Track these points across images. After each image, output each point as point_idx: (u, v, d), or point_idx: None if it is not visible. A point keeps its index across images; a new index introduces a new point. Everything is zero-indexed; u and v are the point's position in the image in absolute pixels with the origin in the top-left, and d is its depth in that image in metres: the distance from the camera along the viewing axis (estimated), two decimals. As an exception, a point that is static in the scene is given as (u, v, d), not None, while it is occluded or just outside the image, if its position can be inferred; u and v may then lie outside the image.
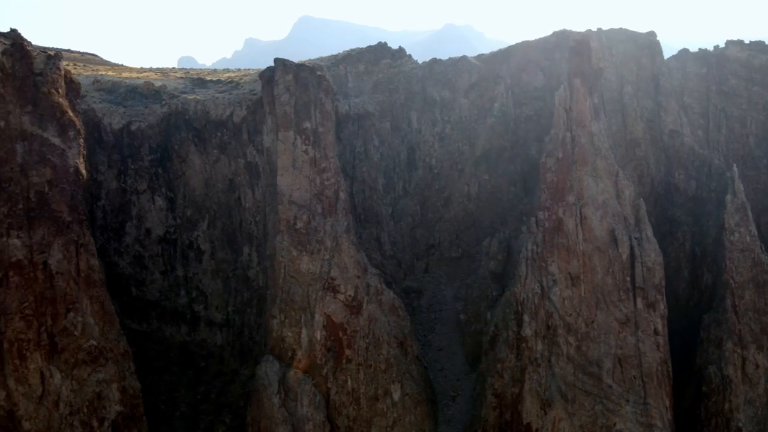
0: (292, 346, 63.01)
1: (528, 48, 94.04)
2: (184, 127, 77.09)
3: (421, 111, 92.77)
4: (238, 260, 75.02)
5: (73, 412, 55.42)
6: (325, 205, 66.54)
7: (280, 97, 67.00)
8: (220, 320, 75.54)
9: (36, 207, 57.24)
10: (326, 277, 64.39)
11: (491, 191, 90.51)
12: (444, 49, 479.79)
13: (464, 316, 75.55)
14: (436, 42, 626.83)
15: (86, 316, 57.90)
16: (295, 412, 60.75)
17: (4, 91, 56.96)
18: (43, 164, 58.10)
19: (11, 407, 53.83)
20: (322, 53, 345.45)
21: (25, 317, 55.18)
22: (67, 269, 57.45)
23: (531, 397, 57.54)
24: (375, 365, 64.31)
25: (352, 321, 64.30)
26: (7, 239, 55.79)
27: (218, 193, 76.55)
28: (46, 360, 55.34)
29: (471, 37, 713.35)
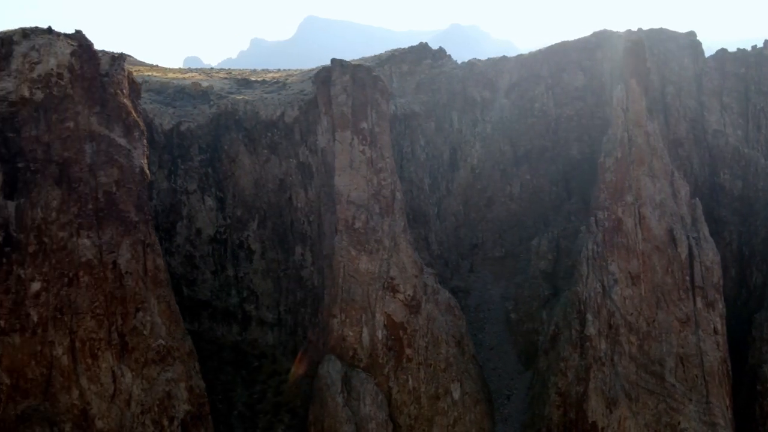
0: (353, 346, 63.28)
1: (568, 48, 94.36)
2: (234, 128, 77.41)
3: (461, 111, 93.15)
4: (290, 260, 75.28)
5: (144, 411, 55.69)
6: (382, 205, 66.82)
7: (337, 98, 67.24)
8: (271, 320, 75.86)
9: (104, 207, 57.53)
10: (385, 277, 64.67)
11: (533, 191, 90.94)
12: (450, 49, 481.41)
13: (515, 316, 75.86)
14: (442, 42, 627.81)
15: (154, 315, 58.20)
16: (358, 411, 61.01)
17: (73, 93, 57.20)
18: (111, 164, 58.38)
19: (84, 406, 54.10)
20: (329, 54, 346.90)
21: (96, 317, 55.45)
22: (136, 269, 57.74)
23: (596, 396, 57.84)
24: (435, 364, 64.61)
25: (411, 320, 64.59)
26: (77, 239, 56.06)
27: (268, 193, 76.85)
28: (117, 359, 55.61)
29: (477, 38, 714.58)
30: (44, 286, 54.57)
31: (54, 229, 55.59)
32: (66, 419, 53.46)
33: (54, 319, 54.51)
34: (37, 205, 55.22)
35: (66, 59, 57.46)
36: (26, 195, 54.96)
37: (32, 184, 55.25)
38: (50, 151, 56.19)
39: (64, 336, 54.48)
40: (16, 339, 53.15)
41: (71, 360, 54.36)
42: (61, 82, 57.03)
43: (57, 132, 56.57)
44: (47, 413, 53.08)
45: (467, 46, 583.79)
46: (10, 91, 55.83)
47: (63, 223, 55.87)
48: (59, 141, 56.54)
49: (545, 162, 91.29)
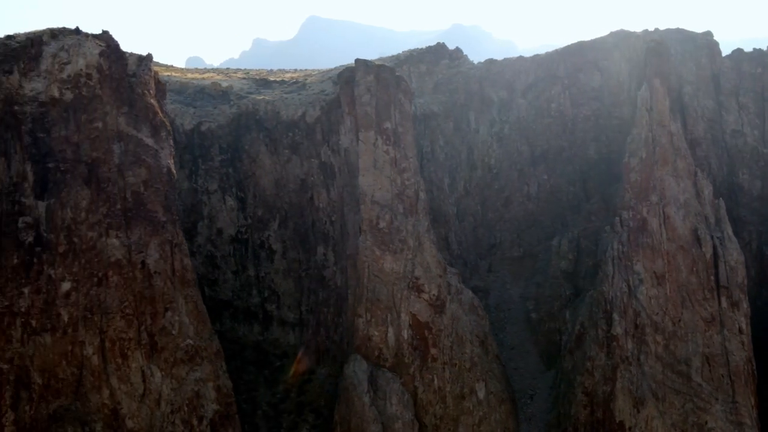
0: (378, 345, 63.39)
1: (584, 48, 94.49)
2: (255, 128, 77.54)
3: (478, 111, 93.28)
4: (311, 260, 75.36)
5: (174, 410, 55.80)
6: (406, 205, 66.94)
7: (361, 98, 67.38)
8: (292, 320, 75.97)
9: (133, 207, 57.66)
10: (410, 277, 64.80)
11: (550, 191, 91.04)
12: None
13: (536, 315, 76.01)
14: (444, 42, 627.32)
15: (182, 315, 58.31)
16: (385, 410, 61.11)
17: (101, 93, 57.35)
18: (139, 164, 58.51)
19: (115, 406, 54.22)
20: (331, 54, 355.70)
21: (126, 316, 55.58)
22: (164, 269, 57.86)
23: (623, 395, 57.97)
24: (460, 364, 64.73)
25: (436, 320, 64.71)
26: (106, 239, 56.20)
27: (289, 193, 76.95)
28: (147, 359, 55.73)
29: (479, 38, 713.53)
30: (74, 286, 54.74)
31: (83, 229, 55.73)
32: (97, 419, 53.59)
33: (84, 318, 54.66)
34: (67, 205, 55.36)
35: (95, 59, 57.62)
36: (56, 195, 55.10)
37: (62, 184, 55.39)
38: (79, 151, 56.35)
39: (94, 336, 54.62)
40: (47, 339, 53.30)
41: (101, 360, 54.50)
42: (90, 82, 57.19)
43: (86, 132, 56.72)
44: (78, 413, 53.22)
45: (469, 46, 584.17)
46: (40, 91, 55.99)
47: (92, 223, 56.02)
48: (88, 141, 56.69)
49: (562, 162, 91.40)
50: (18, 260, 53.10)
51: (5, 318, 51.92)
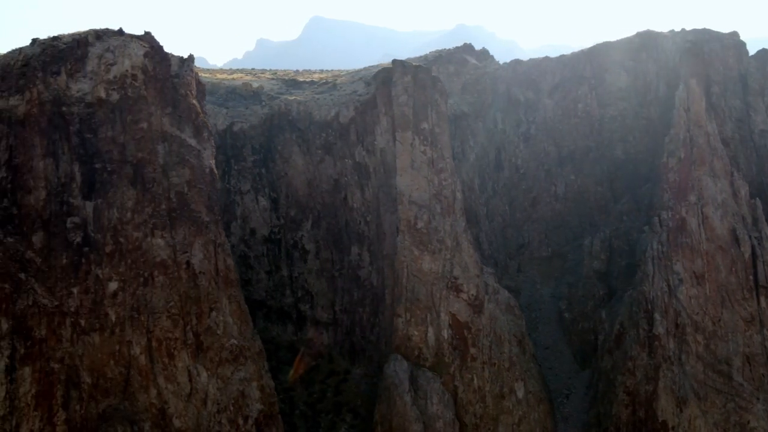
0: (418, 345, 63.58)
1: (610, 49, 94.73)
2: (288, 128, 77.77)
3: (505, 111, 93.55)
4: (345, 260, 75.54)
5: (221, 410, 55.97)
6: (443, 205, 67.14)
7: (398, 98, 67.60)
8: (326, 320, 76.15)
9: (177, 207, 57.85)
10: (449, 277, 65.00)
11: (577, 191, 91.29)
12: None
13: (569, 315, 76.19)
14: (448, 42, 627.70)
15: (226, 315, 58.48)
16: (426, 410, 61.28)
17: (146, 93, 57.55)
18: (182, 165, 58.72)
19: (162, 405, 54.39)
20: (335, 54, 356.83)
21: (172, 316, 55.75)
22: (208, 269, 58.05)
23: (666, 395, 58.14)
24: (499, 363, 64.93)
25: (475, 320, 64.92)
26: (151, 239, 56.39)
27: (322, 194, 77.15)
28: (193, 359, 55.90)
29: (482, 38, 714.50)
30: (121, 286, 54.93)
31: (129, 229, 55.92)
32: (145, 418, 53.76)
33: (131, 318, 54.84)
34: (113, 205, 55.56)
35: (140, 60, 57.83)
36: (103, 195, 55.30)
37: (108, 184, 55.58)
38: (125, 151, 56.54)
39: (141, 335, 54.81)
40: (95, 338, 53.49)
41: (148, 359, 54.67)
42: (135, 83, 57.40)
43: (131, 133, 56.93)
44: (127, 412, 53.39)
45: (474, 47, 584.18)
46: (87, 92, 56.20)
47: (138, 223, 56.21)
48: (133, 142, 56.90)
49: (589, 162, 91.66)
50: (67, 260, 53.31)
51: (55, 318, 52.12)
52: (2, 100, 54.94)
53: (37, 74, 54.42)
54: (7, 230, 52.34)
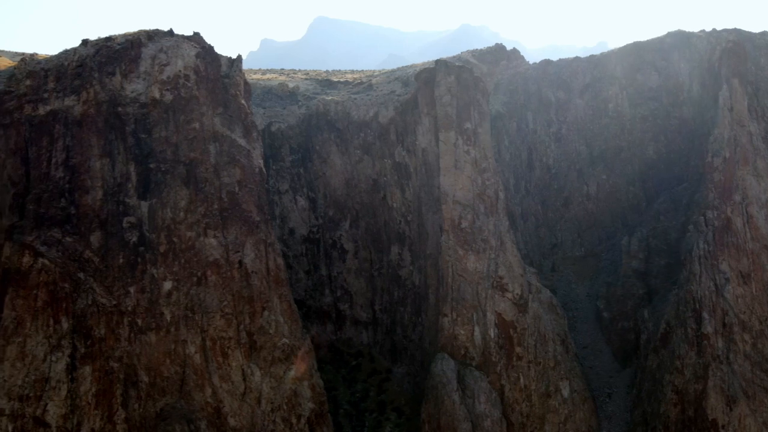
0: (464, 344, 63.76)
1: (641, 48, 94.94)
2: (326, 128, 78.00)
3: (536, 112, 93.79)
4: (384, 259, 75.77)
5: (274, 409, 56.21)
6: (487, 205, 67.31)
7: (442, 98, 67.78)
8: (365, 319, 76.42)
9: (228, 207, 58.08)
10: (494, 276, 65.19)
11: (609, 191, 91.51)
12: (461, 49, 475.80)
13: (608, 315, 76.39)
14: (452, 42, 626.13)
15: (277, 314, 58.71)
16: (473, 408, 61.48)
17: (198, 94, 57.82)
18: (233, 165, 58.95)
19: (217, 404, 54.62)
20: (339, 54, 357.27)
21: (225, 315, 55.99)
22: (260, 268, 58.28)
23: (716, 393, 58.33)
24: (544, 362, 65.12)
25: (520, 319, 65.12)
26: (204, 239, 56.63)
27: (361, 193, 77.38)
28: (246, 358, 56.14)
29: (487, 38, 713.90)
30: (175, 286, 55.17)
31: (182, 228, 56.16)
32: (201, 417, 53.97)
33: (185, 318, 55.06)
34: (167, 205, 55.81)
35: (192, 61, 58.09)
36: (157, 195, 55.54)
37: (162, 184, 55.83)
38: (178, 151, 56.77)
39: (195, 335, 55.03)
40: (152, 337, 53.72)
41: (203, 358, 54.90)
42: (187, 83, 57.65)
43: (184, 133, 57.17)
44: (184, 411, 53.61)
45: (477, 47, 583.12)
46: (141, 92, 56.48)
47: (191, 222, 56.45)
48: (186, 142, 57.13)
49: (621, 162, 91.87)
50: (123, 260, 53.57)
51: (114, 317, 52.38)
52: (58, 101, 55.27)
53: (94, 75, 54.70)
54: (66, 230, 52.62)
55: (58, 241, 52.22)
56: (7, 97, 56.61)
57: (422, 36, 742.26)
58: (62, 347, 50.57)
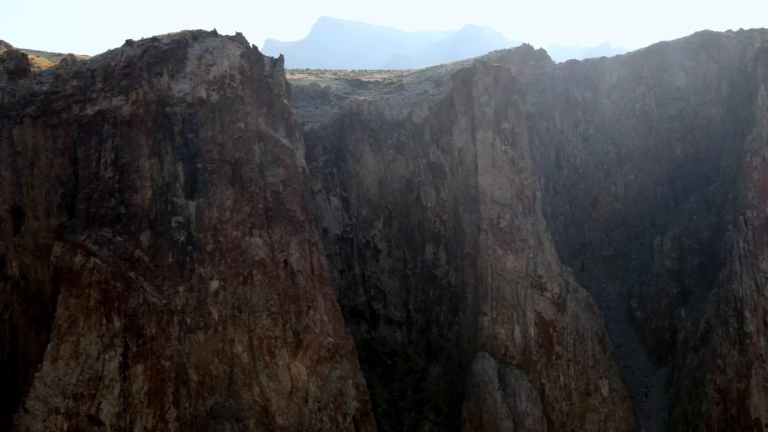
0: (504, 343, 63.99)
1: (668, 48, 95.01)
2: (359, 128, 78.21)
3: (563, 112, 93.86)
4: (418, 259, 75.98)
5: (321, 407, 56.45)
6: (525, 204, 67.51)
7: (479, 98, 68.00)
8: (399, 318, 76.64)
9: (273, 207, 58.34)
10: (533, 275, 65.40)
11: (637, 191, 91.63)
12: (465, 49, 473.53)
13: (641, 314, 76.60)
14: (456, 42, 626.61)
15: (321, 313, 58.97)
16: (515, 407, 61.73)
17: (243, 94, 58.05)
18: (277, 164, 59.20)
19: (265, 403, 54.90)
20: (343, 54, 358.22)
21: (272, 315, 56.25)
22: (305, 267, 58.52)
23: (759, 392, 58.52)
24: (583, 361, 65.34)
25: (559, 318, 65.33)
26: (249, 238, 56.88)
27: (394, 193, 77.58)
28: (293, 357, 56.36)
29: (490, 38, 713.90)
30: (222, 285, 55.44)
31: (228, 228, 56.41)
32: (250, 415, 54.25)
33: (232, 317, 55.33)
34: (213, 204, 56.06)
35: (237, 61, 58.33)
36: (204, 195, 55.80)
37: (209, 184, 56.08)
38: (224, 151, 57.02)
39: (243, 334, 55.30)
40: (200, 336, 54.00)
41: (251, 357, 55.18)
42: (233, 83, 57.91)
43: (229, 132, 57.43)
44: (233, 409, 53.89)
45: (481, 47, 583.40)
46: (187, 92, 56.72)
47: (236, 222, 56.70)
48: (232, 141, 57.39)
49: (648, 162, 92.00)
50: (173, 259, 53.85)
51: (164, 316, 52.66)
52: (106, 101, 55.55)
53: (143, 75, 54.94)
54: (116, 229, 52.90)
55: (109, 241, 52.50)
56: (54, 97, 56.98)
57: (425, 36, 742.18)
58: (115, 346, 50.87)
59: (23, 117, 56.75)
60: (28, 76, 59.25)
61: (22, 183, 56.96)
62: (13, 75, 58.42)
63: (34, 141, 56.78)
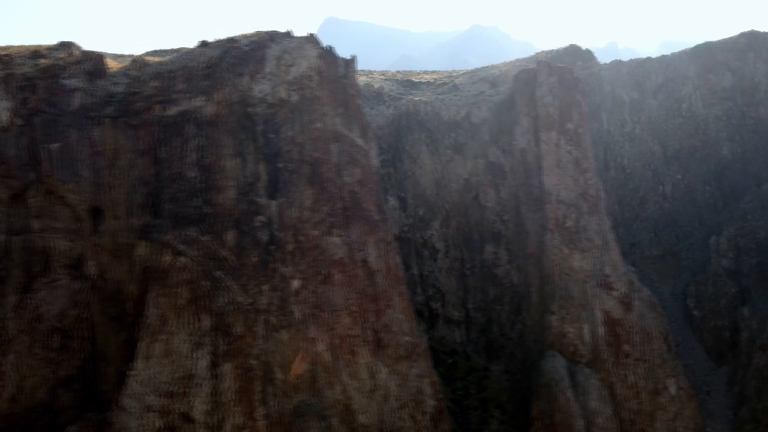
0: (573, 342, 64.36)
1: (714, 49, 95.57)
2: (417, 128, 78.62)
3: (609, 112, 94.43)
4: (477, 258, 76.30)
5: (401, 406, 56.77)
6: (589, 204, 67.96)
7: (543, 99, 68.45)
8: (457, 317, 76.92)
9: (350, 206, 58.77)
10: (600, 275, 65.81)
11: (685, 190, 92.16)
12: (472, 49, 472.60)
13: (698, 313, 77.05)
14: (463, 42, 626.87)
15: (398, 312, 59.31)
16: (586, 405, 62.05)
17: (321, 94, 58.54)
18: (353, 164, 59.64)
19: (347, 401, 55.22)
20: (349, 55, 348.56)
21: (351, 314, 56.63)
22: (381, 267, 58.91)
23: (832, 391, 59.13)
24: (651, 360, 65.67)
25: (626, 317, 65.71)
26: (328, 237, 57.29)
27: (451, 193, 77.94)
28: (373, 355, 56.74)
29: (497, 38, 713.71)
30: (303, 284, 55.83)
31: (308, 227, 56.83)
32: (333, 414, 54.59)
33: (313, 316, 55.73)
34: (294, 204, 56.50)
35: (315, 62, 58.83)
36: (285, 194, 56.22)
37: (289, 183, 56.52)
38: (303, 151, 57.49)
39: (324, 333, 55.67)
40: (284, 335, 54.37)
41: (332, 356, 55.54)
42: (311, 84, 58.40)
43: (308, 133, 57.90)
44: (316, 407, 54.24)
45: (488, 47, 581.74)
46: (267, 93, 57.19)
47: (316, 221, 57.12)
48: (310, 142, 57.85)
49: (696, 162, 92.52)
50: (256, 258, 54.22)
51: (250, 315, 52.99)
52: (187, 101, 55.95)
53: (226, 76, 55.37)
54: (202, 229, 53.27)
55: (196, 240, 52.89)
56: (134, 98, 57.38)
57: (432, 36, 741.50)
58: (204, 345, 51.20)
59: (103, 118, 57.14)
60: (105, 77, 59.64)
61: (101, 183, 57.30)
62: (91, 76, 58.78)
63: (114, 141, 57.12)
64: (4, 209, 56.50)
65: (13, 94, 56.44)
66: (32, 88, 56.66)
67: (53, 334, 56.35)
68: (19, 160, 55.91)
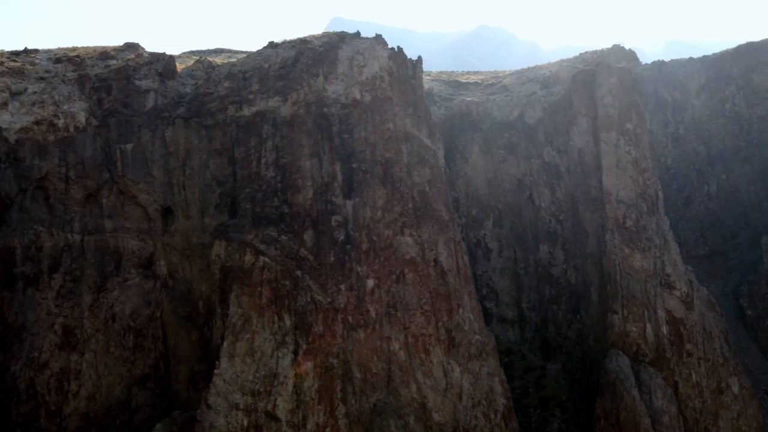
0: (636, 341, 64.61)
1: (756, 48, 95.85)
2: (469, 128, 78.87)
3: (653, 112, 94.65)
4: (530, 258, 76.54)
5: (475, 404, 57.19)
6: (648, 204, 68.24)
7: (603, 99, 68.75)
8: (511, 317, 77.17)
9: (421, 206, 59.15)
10: (661, 274, 66.10)
11: (729, 191, 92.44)
12: (479, 50, 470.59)
13: (752, 312, 77.37)
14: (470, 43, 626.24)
15: (468, 311, 59.75)
16: (651, 404, 62.34)
17: (392, 95, 58.92)
18: (422, 165, 60.04)
19: (422, 400, 55.61)
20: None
21: (424, 313, 57.02)
22: (452, 266, 59.30)
23: None
24: (713, 359, 66.01)
25: (688, 316, 66.03)
26: (400, 237, 57.68)
27: (504, 193, 78.19)
28: (446, 354, 57.15)
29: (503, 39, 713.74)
30: (377, 283, 56.24)
31: (381, 227, 57.24)
32: (409, 412, 54.97)
33: (388, 315, 56.13)
34: (367, 204, 56.90)
35: (386, 63, 59.20)
36: (359, 194, 56.62)
37: (363, 183, 56.91)
38: (375, 151, 57.88)
39: (399, 331, 56.08)
40: (360, 334, 54.78)
41: (407, 355, 55.94)
42: (382, 84, 58.79)
43: (380, 133, 58.29)
44: (393, 406, 54.60)
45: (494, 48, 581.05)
46: (340, 93, 57.56)
47: (388, 221, 57.53)
48: (382, 142, 58.25)
49: (740, 161, 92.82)
50: (334, 258, 54.62)
51: (330, 314, 53.41)
52: (263, 102, 56.39)
53: (303, 76, 55.75)
54: (281, 228, 53.72)
55: (275, 240, 53.32)
56: (207, 98, 57.81)
57: (438, 37, 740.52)
58: (286, 343, 51.64)
59: (174, 118, 57.61)
60: (175, 78, 60.11)
61: (173, 183, 57.81)
62: (162, 77, 59.23)
63: (187, 141, 57.58)
64: (79, 209, 57.13)
65: (88, 95, 57.02)
66: (107, 89, 57.23)
67: (127, 333, 57.01)
68: (95, 161, 56.49)
